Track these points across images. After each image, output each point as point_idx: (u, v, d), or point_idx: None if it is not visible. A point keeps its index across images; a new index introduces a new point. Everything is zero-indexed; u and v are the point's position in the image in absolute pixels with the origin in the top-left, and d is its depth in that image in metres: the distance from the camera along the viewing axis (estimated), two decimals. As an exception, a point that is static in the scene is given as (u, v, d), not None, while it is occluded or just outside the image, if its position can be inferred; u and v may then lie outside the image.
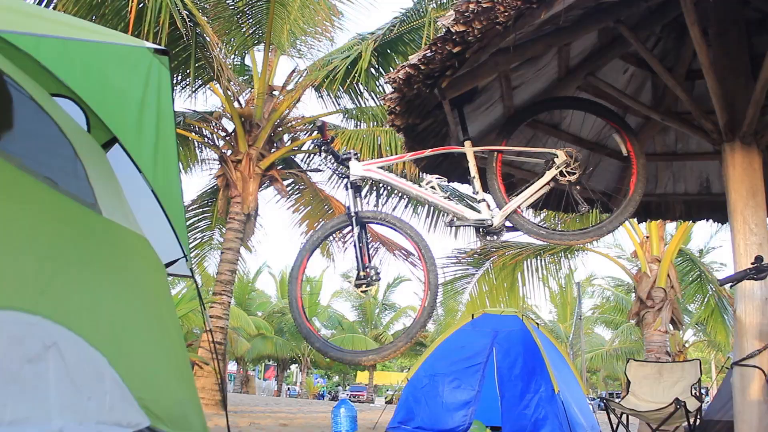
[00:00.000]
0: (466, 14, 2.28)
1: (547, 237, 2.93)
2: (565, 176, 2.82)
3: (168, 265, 2.48)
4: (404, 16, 7.23)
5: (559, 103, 3.44)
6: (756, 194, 3.04)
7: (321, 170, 9.18)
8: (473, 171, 2.99)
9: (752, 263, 2.71)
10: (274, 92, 8.48)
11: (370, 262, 2.88)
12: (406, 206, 9.21)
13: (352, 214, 2.84)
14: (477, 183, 2.97)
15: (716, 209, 4.46)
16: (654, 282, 6.97)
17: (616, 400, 4.04)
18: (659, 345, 6.87)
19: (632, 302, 7.45)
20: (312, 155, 9.58)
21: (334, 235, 3.43)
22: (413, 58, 2.64)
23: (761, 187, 3.06)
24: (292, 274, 2.91)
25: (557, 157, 2.84)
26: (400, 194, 8.67)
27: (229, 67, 9.52)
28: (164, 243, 2.46)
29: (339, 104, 8.79)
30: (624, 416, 3.96)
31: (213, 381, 7.36)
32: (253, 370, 35.79)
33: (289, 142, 8.90)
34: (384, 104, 3.02)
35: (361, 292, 2.81)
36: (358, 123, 8.74)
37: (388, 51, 7.32)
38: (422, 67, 2.58)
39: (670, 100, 3.76)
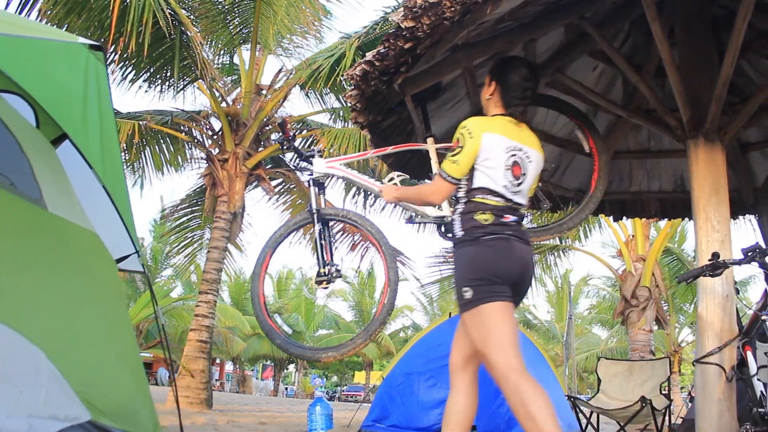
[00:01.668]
0: (414, 10, 2.28)
1: None
2: None
3: (120, 260, 2.49)
4: (388, 15, 7.22)
5: None
6: (719, 191, 3.03)
7: (309, 169, 9.18)
8: (435, 168, 2.99)
9: (709, 260, 2.71)
10: (261, 91, 8.48)
11: (332, 259, 2.88)
12: (394, 206, 9.19)
13: (314, 211, 2.85)
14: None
15: (691, 207, 4.45)
16: (639, 281, 6.95)
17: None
18: (643, 344, 6.86)
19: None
20: (302, 155, 9.58)
21: (296, 232, 3.44)
22: (369, 55, 2.64)
23: (724, 183, 3.06)
24: (254, 271, 2.91)
25: None
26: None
27: (218, 66, 9.54)
28: (116, 238, 2.47)
29: (325, 104, 8.80)
30: (595, 415, 3.96)
31: (198, 380, 7.36)
32: (252, 370, 35.80)
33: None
34: (346, 102, 3.03)
35: (322, 288, 2.82)
36: (345, 123, 8.73)
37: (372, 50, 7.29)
38: (377, 64, 2.58)
39: (641, 97, 3.76)
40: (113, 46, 6.51)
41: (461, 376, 2.17)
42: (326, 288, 2.82)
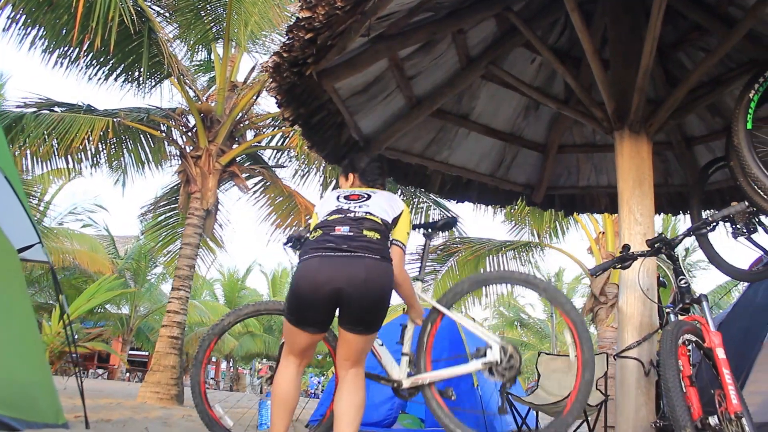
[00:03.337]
0: (308, 0, 2.27)
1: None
2: (494, 375, 2.27)
3: (23, 250, 2.49)
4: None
5: None
6: (643, 183, 3.00)
7: (284, 166, 9.17)
8: (410, 326, 2.59)
9: (620, 251, 2.69)
10: (236, 88, 8.47)
11: None
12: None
13: None
14: (407, 334, 2.57)
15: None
16: (607, 278, 6.91)
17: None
18: (611, 341, 6.81)
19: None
20: (280, 152, 9.56)
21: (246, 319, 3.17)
22: (279, 46, 2.63)
23: (649, 175, 3.02)
24: (197, 357, 2.60)
25: (490, 349, 2.32)
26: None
27: (198, 62, 9.53)
28: (21, 229, 2.47)
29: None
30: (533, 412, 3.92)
31: (169, 376, 7.37)
32: (250, 369, 35.78)
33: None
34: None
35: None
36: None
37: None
38: (285, 55, 2.56)
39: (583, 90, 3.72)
40: (79, 43, 6.51)
41: None
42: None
